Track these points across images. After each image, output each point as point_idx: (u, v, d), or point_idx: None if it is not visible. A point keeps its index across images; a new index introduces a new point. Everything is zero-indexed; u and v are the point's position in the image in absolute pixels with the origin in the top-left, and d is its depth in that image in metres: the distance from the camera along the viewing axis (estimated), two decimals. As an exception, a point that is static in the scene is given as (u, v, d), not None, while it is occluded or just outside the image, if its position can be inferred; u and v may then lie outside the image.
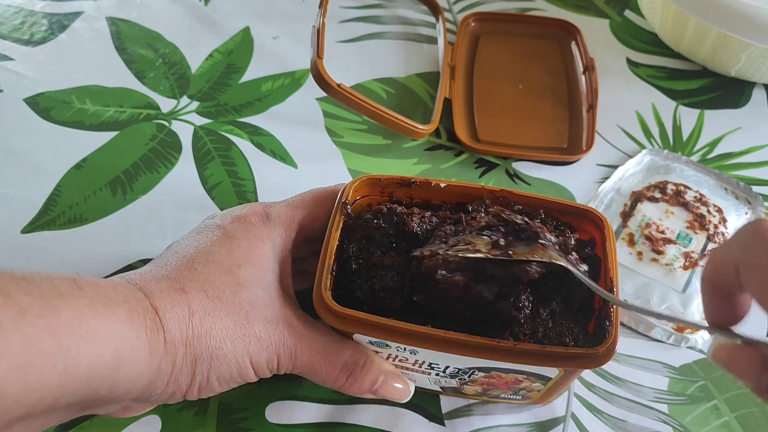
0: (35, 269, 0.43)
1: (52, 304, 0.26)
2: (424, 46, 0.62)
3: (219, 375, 0.32)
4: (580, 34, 0.61)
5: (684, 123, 0.56)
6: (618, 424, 0.39)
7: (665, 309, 0.43)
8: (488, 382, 0.35)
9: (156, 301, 0.30)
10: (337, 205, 0.35)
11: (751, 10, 0.51)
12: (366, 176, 0.37)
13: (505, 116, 0.55)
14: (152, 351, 0.29)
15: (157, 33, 0.60)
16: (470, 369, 0.34)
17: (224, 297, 0.32)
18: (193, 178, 0.49)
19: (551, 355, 0.31)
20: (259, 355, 0.32)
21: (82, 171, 0.49)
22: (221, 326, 0.31)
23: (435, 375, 0.35)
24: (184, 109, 0.54)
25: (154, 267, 0.33)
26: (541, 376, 0.33)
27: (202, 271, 0.32)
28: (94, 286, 0.29)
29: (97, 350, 0.27)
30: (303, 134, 0.53)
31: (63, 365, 0.26)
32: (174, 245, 0.35)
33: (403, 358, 0.34)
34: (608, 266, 0.34)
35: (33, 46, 0.58)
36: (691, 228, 0.47)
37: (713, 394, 0.40)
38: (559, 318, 0.34)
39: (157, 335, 0.29)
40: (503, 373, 0.34)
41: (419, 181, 0.37)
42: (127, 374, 0.28)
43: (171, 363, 0.30)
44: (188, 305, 0.31)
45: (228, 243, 0.34)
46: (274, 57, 0.59)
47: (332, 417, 0.38)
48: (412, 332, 0.31)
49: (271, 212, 0.36)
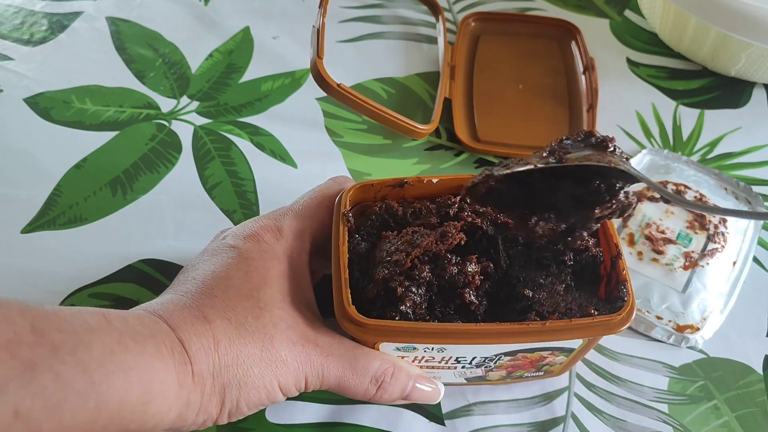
0: (35, 269, 0.43)
1: (83, 340, 0.26)
2: (424, 46, 0.62)
3: (248, 401, 0.32)
4: (580, 33, 0.61)
5: (684, 123, 0.56)
6: (618, 424, 0.39)
7: (665, 309, 0.43)
8: (513, 364, 0.36)
9: (181, 333, 0.30)
10: (338, 217, 0.35)
11: (751, 10, 0.51)
12: (359, 183, 0.37)
13: (505, 116, 0.55)
14: (181, 384, 0.29)
15: (157, 33, 0.60)
16: (497, 355, 0.34)
17: (247, 323, 0.32)
18: (193, 178, 0.49)
19: (579, 328, 0.32)
20: (287, 379, 0.32)
21: (82, 171, 0.49)
22: (247, 353, 0.31)
23: (461, 368, 0.36)
24: (184, 109, 0.54)
25: (175, 296, 0.33)
26: (566, 348, 0.34)
27: (223, 298, 0.32)
28: (122, 320, 0.29)
29: (127, 385, 0.27)
30: (303, 134, 0.53)
31: (94, 401, 0.26)
32: (190, 270, 0.35)
33: (430, 358, 0.34)
34: (609, 232, 0.35)
35: (33, 46, 0.58)
36: (691, 228, 0.47)
37: (713, 394, 0.40)
38: (574, 290, 0.35)
39: (185, 368, 0.30)
40: (529, 353, 0.34)
41: (412, 181, 0.38)
42: (156, 408, 0.29)
43: (200, 394, 0.30)
44: (213, 335, 0.31)
45: (245, 266, 0.33)
46: (274, 57, 0.59)
47: (332, 417, 0.38)
48: (444, 331, 0.32)
49: (283, 226, 0.36)
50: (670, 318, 0.43)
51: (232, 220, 0.47)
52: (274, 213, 0.37)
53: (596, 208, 0.32)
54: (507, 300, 0.35)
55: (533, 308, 0.33)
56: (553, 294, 0.34)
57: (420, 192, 0.38)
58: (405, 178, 0.38)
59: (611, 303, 0.34)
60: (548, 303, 0.34)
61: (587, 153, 0.31)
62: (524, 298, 0.34)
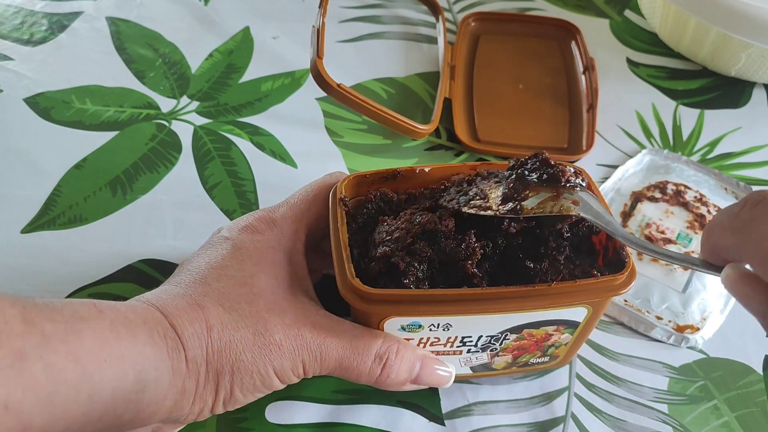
0: (35, 269, 0.43)
1: (74, 329, 0.26)
2: (424, 45, 0.62)
3: (242, 387, 0.31)
4: (580, 34, 0.61)
5: (684, 123, 0.56)
6: (618, 424, 0.39)
7: (665, 309, 0.43)
8: (519, 345, 0.36)
9: (174, 319, 0.30)
10: (335, 202, 0.36)
11: (751, 10, 0.51)
12: (353, 175, 0.37)
13: (505, 116, 0.55)
14: (175, 371, 0.29)
15: (157, 33, 0.60)
16: (503, 333, 0.34)
17: (240, 308, 0.31)
18: (193, 178, 0.49)
19: (584, 289, 0.32)
20: (282, 363, 0.32)
21: (82, 171, 0.49)
22: (240, 338, 0.31)
23: (467, 352, 0.36)
24: (184, 109, 0.54)
25: (169, 286, 0.33)
26: (571, 322, 0.34)
27: (216, 286, 0.32)
28: (113, 308, 0.29)
29: (120, 374, 0.27)
30: (303, 134, 0.53)
31: (87, 392, 0.26)
32: (185, 263, 0.35)
33: (435, 339, 0.34)
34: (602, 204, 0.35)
35: (33, 46, 0.58)
36: (691, 228, 0.47)
37: (713, 394, 0.40)
38: (574, 260, 0.35)
39: (179, 354, 0.29)
40: (534, 329, 0.34)
41: (404, 171, 0.38)
42: (151, 396, 0.28)
43: (195, 381, 0.30)
44: (205, 320, 0.31)
45: (238, 255, 0.33)
46: (274, 57, 0.59)
47: (332, 417, 0.38)
48: (451, 296, 0.32)
49: (276, 216, 0.36)
50: (670, 318, 0.43)
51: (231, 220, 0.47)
52: (269, 207, 0.37)
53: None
54: (509, 276, 0.34)
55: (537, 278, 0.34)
56: (555, 263, 0.34)
57: (413, 183, 0.38)
58: (397, 168, 0.38)
59: (612, 269, 0.34)
60: (551, 272, 0.34)
61: (543, 196, 0.33)
62: (527, 269, 0.34)
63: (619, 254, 0.34)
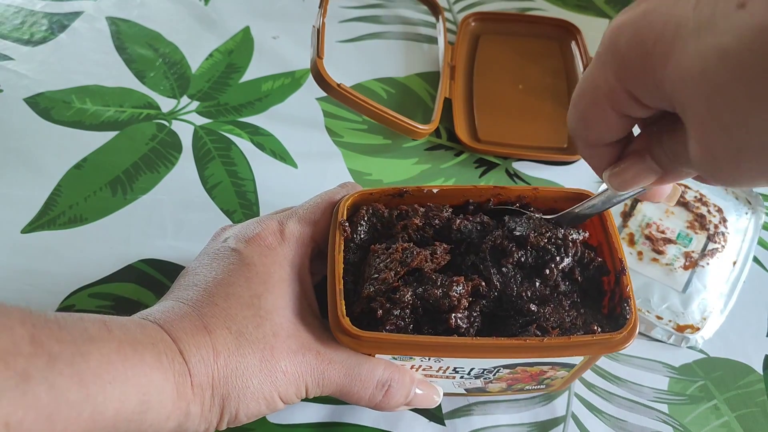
0: (35, 269, 0.43)
1: (81, 351, 0.26)
2: (424, 45, 0.62)
3: (248, 412, 0.32)
4: (580, 34, 0.61)
5: (684, 123, 0.56)
6: (618, 424, 0.39)
7: (665, 309, 0.43)
8: (513, 377, 0.35)
9: (181, 344, 0.30)
10: (335, 226, 0.35)
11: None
12: (358, 192, 0.37)
13: (505, 116, 0.55)
14: (180, 395, 0.29)
15: (157, 33, 0.60)
16: (495, 368, 0.34)
17: (247, 332, 0.32)
18: (193, 178, 0.49)
19: (577, 345, 0.32)
20: (287, 389, 0.32)
21: (82, 171, 0.49)
22: (246, 365, 0.31)
23: (459, 378, 0.36)
24: (184, 109, 0.54)
25: (176, 303, 0.33)
26: (566, 364, 0.34)
27: (224, 306, 0.32)
28: (122, 328, 0.29)
29: (124, 395, 0.27)
30: (303, 134, 0.53)
31: (89, 412, 0.26)
32: (191, 274, 0.35)
33: (428, 367, 0.34)
34: (614, 246, 0.35)
35: (33, 46, 0.58)
36: (692, 228, 0.47)
37: (713, 394, 0.40)
38: (579, 305, 0.34)
39: (185, 379, 0.30)
40: (528, 367, 0.34)
41: (411, 190, 0.37)
42: (154, 417, 0.29)
43: (199, 405, 0.30)
44: (213, 346, 0.31)
45: (246, 271, 0.33)
46: (274, 57, 0.59)
47: (332, 417, 0.38)
48: (439, 344, 0.31)
49: (286, 230, 0.35)
50: (670, 318, 0.43)
51: (232, 220, 0.47)
52: (277, 215, 0.37)
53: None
54: (508, 316, 0.34)
55: (536, 322, 0.33)
56: (559, 309, 0.34)
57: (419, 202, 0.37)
58: (405, 187, 0.37)
59: (614, 320, 0.33)
60: (553, 318, 0.33)
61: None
62: (529, 313, 0.33)
63: (623, 304, 0.33)
